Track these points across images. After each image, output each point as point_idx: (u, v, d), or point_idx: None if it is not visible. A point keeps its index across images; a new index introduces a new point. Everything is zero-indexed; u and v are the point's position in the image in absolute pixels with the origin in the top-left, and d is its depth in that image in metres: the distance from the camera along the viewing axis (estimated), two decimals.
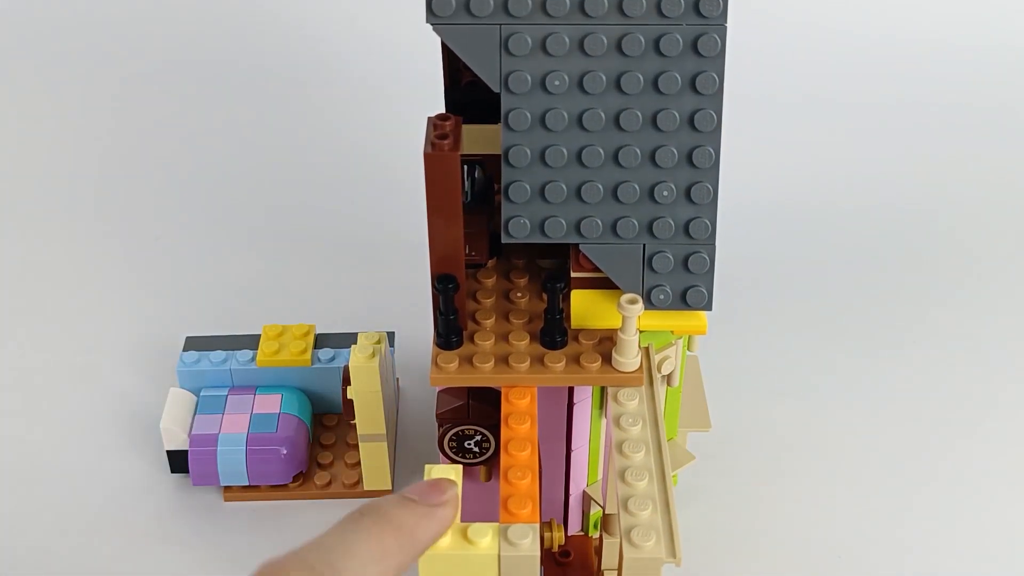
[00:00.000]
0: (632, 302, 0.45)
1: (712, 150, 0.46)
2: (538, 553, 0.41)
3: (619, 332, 0.46)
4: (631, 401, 0.47)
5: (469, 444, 0.51)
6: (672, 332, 0.50)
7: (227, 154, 0.89)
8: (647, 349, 0.49)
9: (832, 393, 0.68)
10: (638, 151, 0.46)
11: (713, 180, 0.46)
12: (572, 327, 0.49)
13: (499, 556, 0.40)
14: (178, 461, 0.60)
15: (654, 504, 0.43)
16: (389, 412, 0.59)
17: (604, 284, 0.49)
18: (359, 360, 0.55)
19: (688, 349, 0.54)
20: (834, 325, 0.74)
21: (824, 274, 0.78)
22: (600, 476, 0.55)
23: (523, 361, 0.48)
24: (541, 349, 0.49)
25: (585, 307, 0.49)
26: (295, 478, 0.61)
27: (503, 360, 0.48)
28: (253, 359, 0.62)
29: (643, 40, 0.44)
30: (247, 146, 0.90)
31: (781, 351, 0.71)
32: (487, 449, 0.51)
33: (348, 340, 0.63)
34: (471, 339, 0.49)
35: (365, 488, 0.60)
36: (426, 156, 0.45)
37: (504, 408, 0.47)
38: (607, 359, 0.48)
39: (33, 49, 0.96)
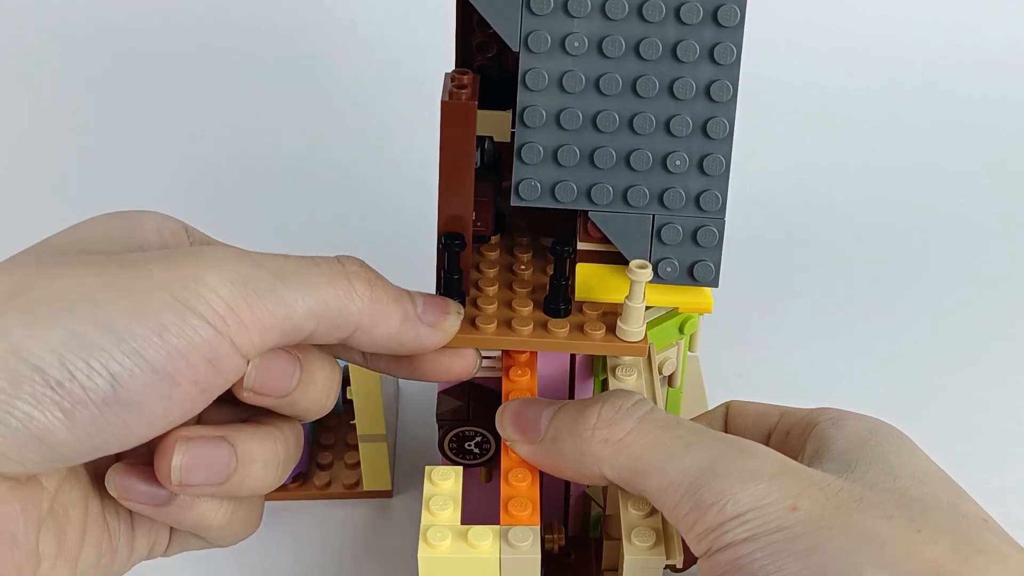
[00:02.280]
0: (642, 267, 0.44)
1: (727, 121, 0.45)
2: (539, 555, 0.41)
3: (626, 300, 0.46)
4: None
5: (469, 445, 0.51)
6: (677, 310, 0.50)
7: (227, 154, 0.89)
8: (648, 349, 0.49)
9: (833, 394, 0.68)
10: (653, 118, 0.45)
11: (726, 152, 0.46)
12: (576, 299, 0.49)
13: (500, 559, 0.40)
14: None
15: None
16: (389, 412, 0.59)
17: (610, 259, 0.48)
18: None
19: (688, 349, 0.54)
20: (835, 325, 0.74)
21: (825, 274, 0.78)
22: None
23: (526, 325, 0.47)
24: (544, 316, 0.48)
25: (590, 280, 0.49)
26: (295, 478, 0.60)
27: (506, 323, 0.47)
28: None
29: (664, 6, 0.44)
30: (247, 146, 0.89)
31: (781, 351, 0.71)
32: (487, 450, 0.51)
33: None
34: (474, 303, 0.49)
35: (365, 488, 0.60)
36: (443, 104, 0.44)
37: None
38: (611, 329, 0.47)
39: (31, 49, 0.96)
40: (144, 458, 0.39)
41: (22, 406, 0.32)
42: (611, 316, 0.48)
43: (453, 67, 0.51)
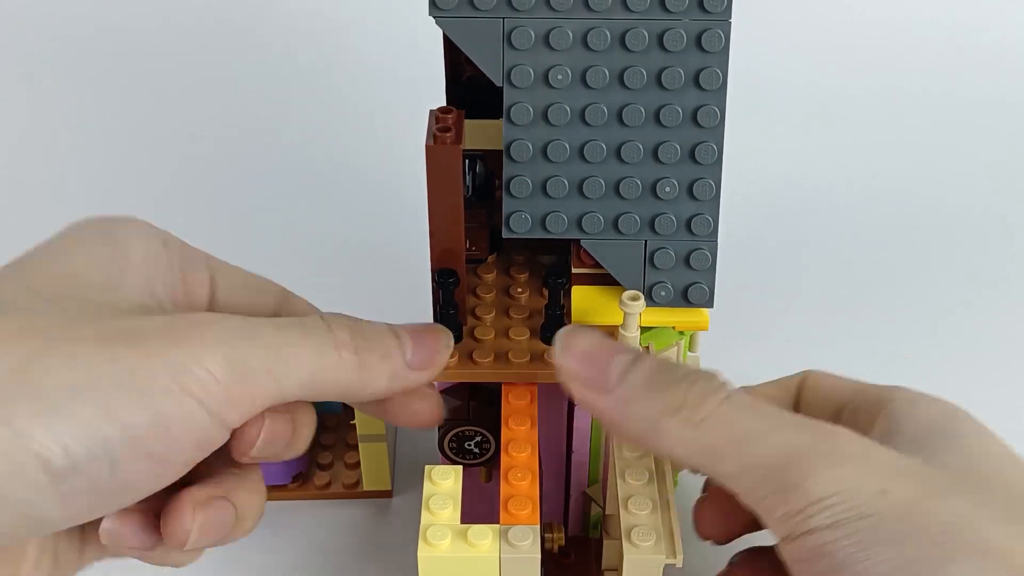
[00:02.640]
0: (634, 299, 0.45)
1: (715, 146, 0.45)
2: (539, 554, 0.41)
3: (620, 329, 0.46)
4: None
5: (469, 445, 0.51)
6: (674, 328, 0.50)
7: (226, 154, 0.89)
8: (648, 349, 0.49)
9: None
10: (640, 147, 0.45)
11: (715, 176, 0.46)
12: (573, 323, 0.49)
13: (500, 558, 0.40)
14: None
15: (654, 504, 0.43)
16: None
17: (605, 280, 0.48)
18: None
19: (689, 350, 0.54)
20: (835, 326, 0.74)
21: (824, 274, 0.78)
22: (600, 477, 0.55)
23: (523, 357, 0.48)
24: (541, 345, 0.49)
25: (586, 303, 0.49)
26: (295, 478, 0.60)
27: (503, 356, 0.48)
28: None
29: (647, 35, 0.44)
30: (246, 145, 0.89)
31: (781, 351, 0.71)
32: (487, 450, 0.51)
33: None
34: (471, 334, 0.49)
35: (365, 488, 0.60)
36: (428, 149, 0.45)
37: (504, 409, 0.47)
38: None
39: (31, 49, 0.96)
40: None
41: (21, 494, 0.32)
42: None
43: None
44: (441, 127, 0.45)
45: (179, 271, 0.42)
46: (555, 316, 0.48)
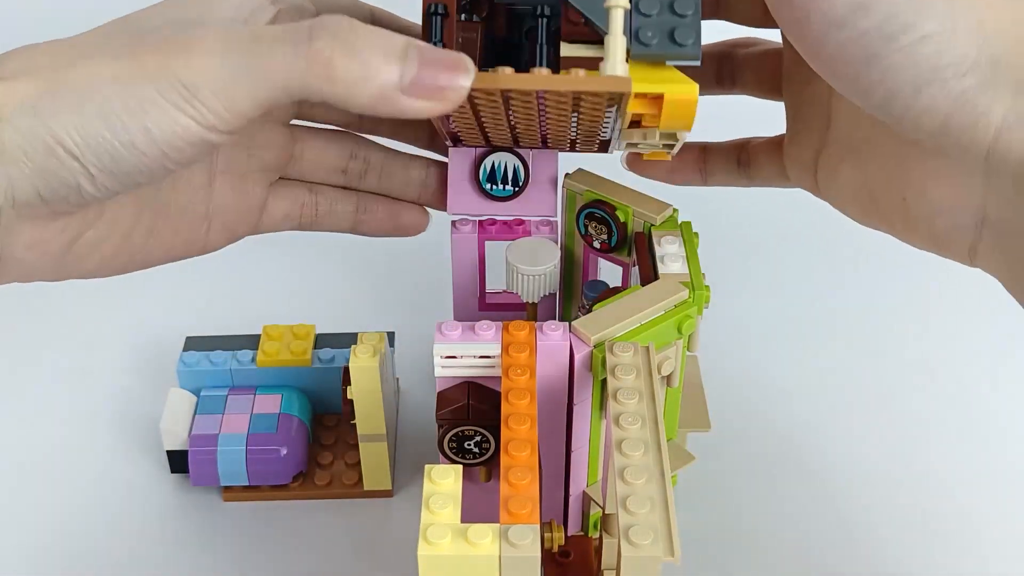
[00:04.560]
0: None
1: None
2: (539, 554, 0.41)
3: (606, 37, 0.44)
4: (631, 400, 0.47)
5: (469, 445, 0.51)
6: (660, 118, 0.47)
7: None
8: (647, 349, 0.49)
9: (832, 393, 0.68)
10: None
11: None
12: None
13: (500, 557, 0.40)
14: (178, 461, 0.60)
15: (652, 503, 0.43)
16: (389, 412, 0.59)
17: (594, 65, 0.46)
18: (359, 360, 0.55)
19: (688, 349, 0.54)
20: (835, 325, 0.74)
21: (824, 275, 0.78)
22: (600, 477, 0.55)
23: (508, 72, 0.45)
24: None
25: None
26: (295, 478, 0.61)
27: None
28: (253, 359, 0.62)
29: None
30: None
31: (781, 351, 0.71)
32: (487, 450, 0.51)
33: (348, 340, 0.63)
34: None
35: (365, 488, 0.61)
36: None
37: (504, 409, 0.47)
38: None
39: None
40: None
41: (53, 167, 0.40)
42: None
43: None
44: None
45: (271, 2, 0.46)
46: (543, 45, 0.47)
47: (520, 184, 0.54)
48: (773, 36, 0.52)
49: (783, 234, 0.82)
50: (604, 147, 0.54)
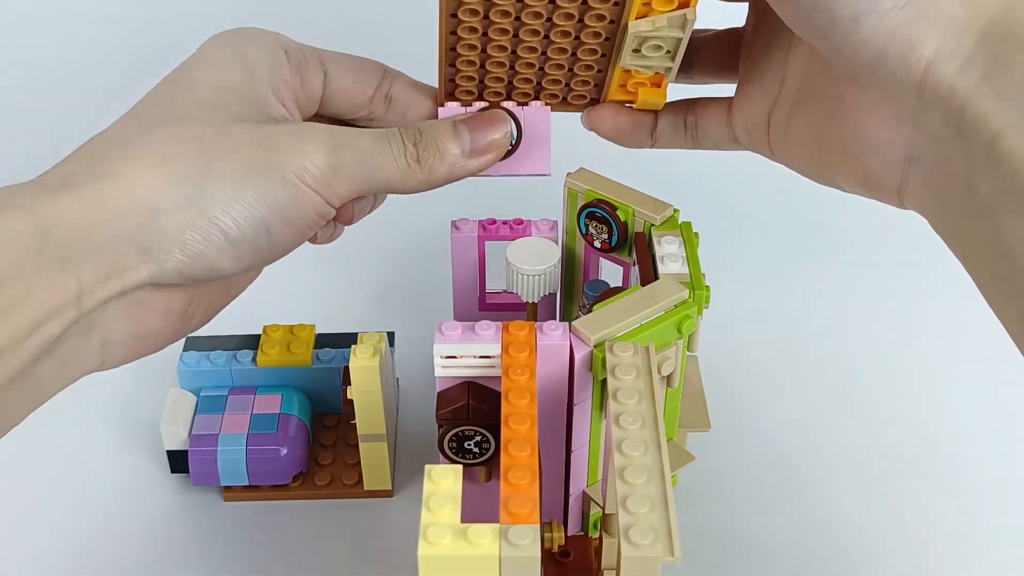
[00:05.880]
0: None
1: None
2: (539, 554, 0.41)
3: None
4: (631, 400, 0.47)
5: (469, 445, 0.51)
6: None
7: None
8: (647, 349, 0.49)
9: (833, 394, 0.68)
10: None
11: None
12: None
13: (500, 557, 0.40)
14: (178, 461, 0.60)
15: (652, 503, 0.43)
16: (389, 412, 0.59)
17: None
18: (359, 360, 0.55)
19: (688, 349, 0.54)
20: (835, 326, 0.74)
21: (824, 275, 0.78)
22: (600, 477, 0.55)
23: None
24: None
25: None
26: (295, 478, 0.61)
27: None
28: (253, 359, 0.62)
29: None
30: None
31: (781, 351, 0.71)
32: (487, 450, 0.51)
33: (348, 340, 0.63)
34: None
35: (365, 488, 0.61)
36: None
37: (504, 409, 0.47)
38: None
39: (31, 48, 0.96)
40: None
41: (211, 254, 0.44)
42: None
43: None
44: None
45: (298, 73, 0.51)
46: None
47: (513, 142, 0.54)
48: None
49: (783, 234, 0.82)
50: (596, 96, 0.53)
